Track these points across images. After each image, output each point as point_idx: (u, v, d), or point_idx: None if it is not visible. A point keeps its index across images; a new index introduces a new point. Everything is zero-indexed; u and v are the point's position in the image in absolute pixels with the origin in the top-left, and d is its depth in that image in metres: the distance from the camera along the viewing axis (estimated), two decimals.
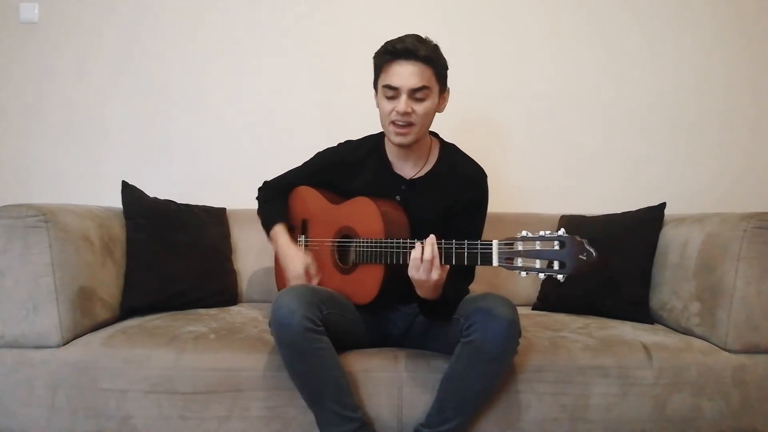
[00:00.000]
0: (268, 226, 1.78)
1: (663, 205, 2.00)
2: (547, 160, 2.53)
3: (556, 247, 1.18)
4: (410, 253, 1.36)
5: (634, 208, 2.07)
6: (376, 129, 1.78)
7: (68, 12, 2.48)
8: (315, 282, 1.65)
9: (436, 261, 1.32)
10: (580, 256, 1.16)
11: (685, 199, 2.38)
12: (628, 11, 2.52)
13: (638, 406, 1.55)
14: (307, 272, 1.65)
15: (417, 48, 1.47)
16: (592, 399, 1.54)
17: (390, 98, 1.52)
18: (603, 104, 2.53)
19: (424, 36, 1.52)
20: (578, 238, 1.17)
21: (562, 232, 1.18)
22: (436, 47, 1.52)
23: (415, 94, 1.49)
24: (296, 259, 1.67)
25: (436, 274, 1.33)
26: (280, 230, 1.74)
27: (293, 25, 2.50)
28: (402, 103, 1.49)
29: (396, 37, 1.52)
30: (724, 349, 1.62)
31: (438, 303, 1.44)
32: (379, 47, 1.55)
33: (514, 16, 2.51)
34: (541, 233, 1.20)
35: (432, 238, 1.33)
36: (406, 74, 1.48)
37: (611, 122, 2.53)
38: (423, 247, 1.33)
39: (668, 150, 2.53)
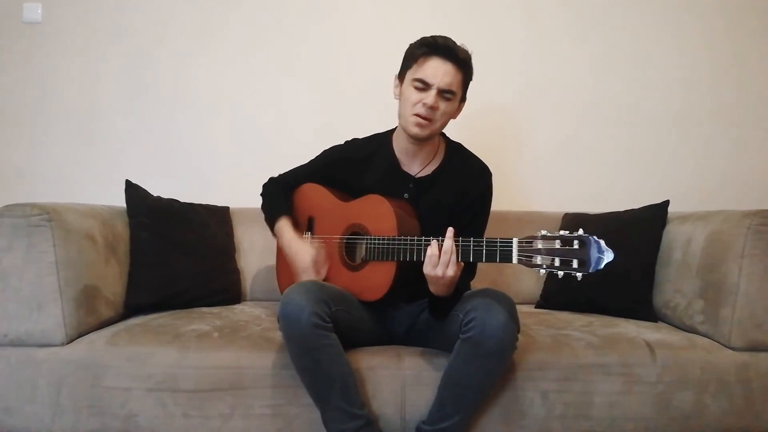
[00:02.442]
0: (272, 220, 1.77)
1: (666, 203, 1.99)
2: (549, 159, 2.53)
3: (576, 246, 1.22)
4: (425, 250, 1.38)
5: (637, 206, 2.07)
6: (380, 129, 1.78)
7: (71, 12, 2.49)
8: (323, 272, 1.65)
9: (453, 257, 1.35)
10: (599, 256, 1.20)
11: (689, 197, 2.37)
12: (634, 7, 2.51)
13: (641, 404, 1.55)
14: (315, 263, 1.64)
15: (457, 49, 1.52)
16: (595, 397, 1.54)
17: (419, 90, 1.54)
18: (606, 102, 2.52)
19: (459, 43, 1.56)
20: (596, 239, 1.21)
21: (581, 231, 1.23)
22: (470, 55, 1.56)
23: (444, 93, 1.53)
24: (303, 252, 1.66)
25: (451, 271, 1.36)
26: (284, 225, 1.73)
27: (297, 27, 2.50)
28: (431, 97, 1.52)
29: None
30: (728, 347, 1.62)
31: (449, 301, 1.46)
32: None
33: (515, 14, 2.51)
34: (561, 233, 1.24)
35: (451, 231, 1.36)
36: (441, 72, 1.52)
37: (614, 120, 2.52)
38: (440, 243, 1.36)
39: (671, 148, 2.52)
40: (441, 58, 1.52)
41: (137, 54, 2.50)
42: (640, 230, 1.97)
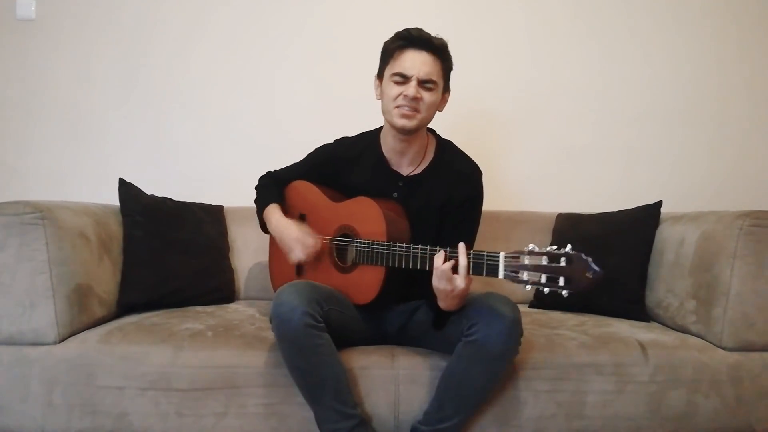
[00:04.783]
0: (262, 208, 1.76)
1: (659, 204, 2.00)
2: (543, 159, 2.53)
3: (563, 264, 1.19)
4: (413, 256, 1.37)
5: (630, 207, 2.07)
6: (373, 127, 1.78)
7: (65, 9, 2.47)
8: (312, 247, 1.61)
9: (463, 271, 1.33)
10: (586, 274, 1.17)
11: (681, 198, 2.38)
12: (627, 7, 2.52)
13: (634, 404, 1.56)
14: (304, 238, 1.61)
15: (431, 38, 1.51)
16: (588, 396, 1.55)
17: (399, 83, 1.53)
18: (599, 102, 2.53)
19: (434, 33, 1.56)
20: (584, 256, 1.17)
21: (569, 248, 1.19)
22: (447, 44, 1.56)
23: (425, 84, 1.52)
24: (291, 229, 1.63)
25: (463, 284, 1.33)
26: (273, 209, 1.72)
27: (291, 26, 2.49)
28: (412, 88, 1.50)
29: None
30: (720, 347, 1.63)
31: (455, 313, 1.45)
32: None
33: (508, 12, 2.51)
34: (549, 248, 1.21)
35: (462, 246, 1.33)
36: (418, 62, 1.51)
37: (608, 120, 2.53)
38: (446, 256, 1.34)
39: (665, 148, 2.54)
40: (417, 49, 1.51)
41: (130, 51, 2.49)
42: (633, 231, 1.98)
